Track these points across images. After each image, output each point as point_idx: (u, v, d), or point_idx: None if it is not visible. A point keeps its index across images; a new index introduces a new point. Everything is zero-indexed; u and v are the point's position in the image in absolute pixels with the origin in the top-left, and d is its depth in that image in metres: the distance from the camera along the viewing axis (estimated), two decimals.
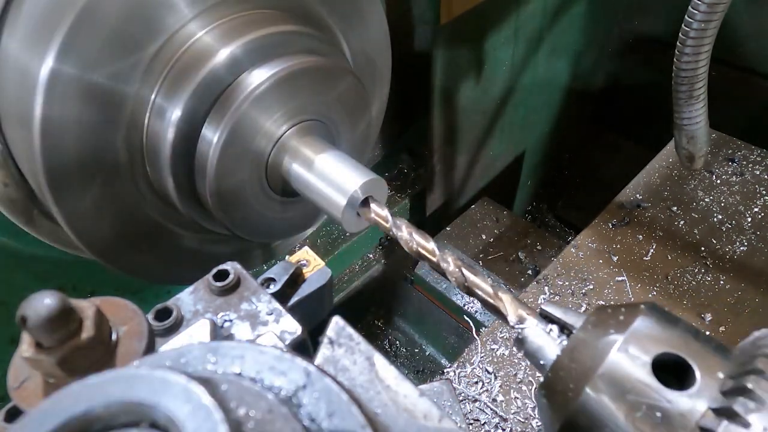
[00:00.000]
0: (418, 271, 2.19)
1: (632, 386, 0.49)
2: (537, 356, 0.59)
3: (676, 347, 0.50)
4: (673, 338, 0.51)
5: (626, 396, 0.49)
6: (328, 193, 0.83)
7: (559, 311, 0.60)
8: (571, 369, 0.53)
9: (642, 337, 0.51)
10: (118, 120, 0.80)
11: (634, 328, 0.51)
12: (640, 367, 0.49)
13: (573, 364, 0.53)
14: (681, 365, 0.49)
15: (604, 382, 0.50)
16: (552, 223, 3.14)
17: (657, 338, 0.51)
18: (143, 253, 0.96)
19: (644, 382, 0.49)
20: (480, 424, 1.47)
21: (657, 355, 0.50)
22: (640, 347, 0.50)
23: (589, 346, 0.53)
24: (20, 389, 0.49)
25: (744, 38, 2.32)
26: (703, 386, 0.47)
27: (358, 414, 0.38)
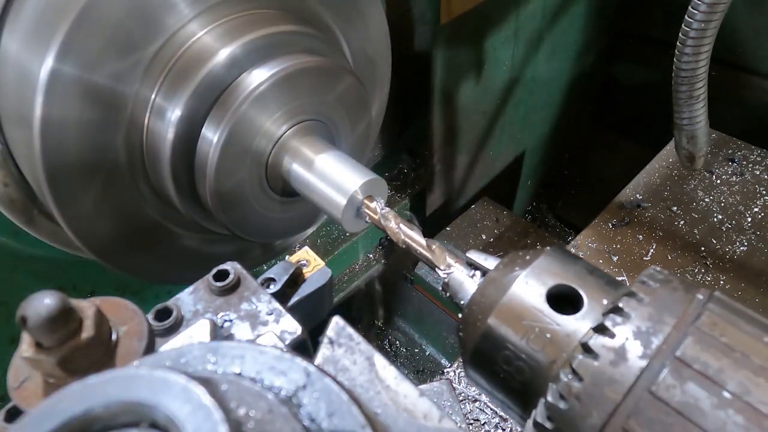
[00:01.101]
0: (418, 271, 2.19)
1: (528, 313, 0.55)
2: (458, 296, 0.65)
3: (570, 280, 0.56)
4: (569, 273, 0.57)
5: (522, 321, 0.55)
6: (328, 193, 0.83)
7: (481, 257, 0.66)
8: (482, 303, 0.59)
9: (541, 272, 0.57)
10: (118, 120, 0.80)
11: (535, 264, 0.58)
12: (536, 297, 0.56)
13: (483, 299, 0.59)
14: (575, 297, 0.55)
15: (505, 310, 0.57)
16: (552, 223, 3.14)
17: (555, 272, 0.57)
18: (143, 253, 0.96)
19: (538, 308, 0.55)
20: (480, 424, 1.47)
21: (552, 287, 0.56)
22: (539, 280, 0.57)
23: (496, 281, 0.59)
24: (20, 389, 0.49)
25: (744, 38, 2.32)
26: (588, 311, 0.54)
27: (358, 414, 0.38)
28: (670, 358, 0.48)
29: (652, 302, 0.52)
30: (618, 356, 0.49)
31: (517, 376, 0.56)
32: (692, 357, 0.48)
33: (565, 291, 0.56)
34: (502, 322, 0.56)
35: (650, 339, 0.49)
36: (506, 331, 0.56)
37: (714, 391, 0.46)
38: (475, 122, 2.24)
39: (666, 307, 0.52)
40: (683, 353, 0.48)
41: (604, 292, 0.55)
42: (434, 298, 2.18)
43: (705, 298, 0.53)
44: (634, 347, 0.49)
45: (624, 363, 0.49)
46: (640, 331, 0.50)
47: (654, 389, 0.47)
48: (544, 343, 0.54)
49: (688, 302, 0.52)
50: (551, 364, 0.53)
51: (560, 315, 0.54)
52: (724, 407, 0.45)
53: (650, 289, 0.53)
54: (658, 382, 0.47)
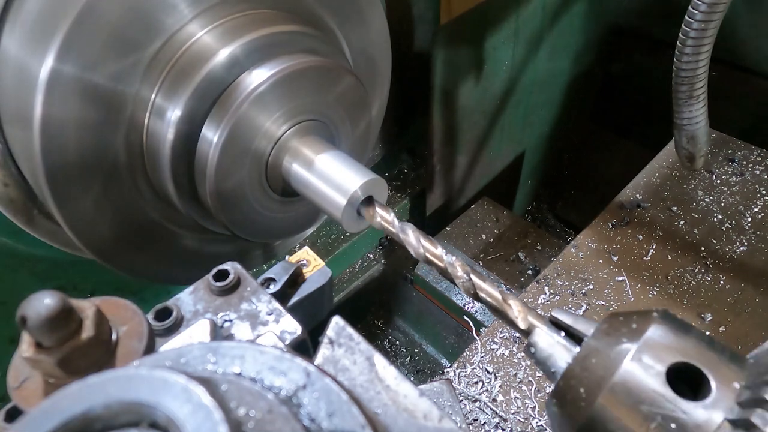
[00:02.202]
0: (418, 271, 2.19)
1: (646, 396, 0.48)
2: (547, 364, 0.57)
3: (691, 356, 0.49)
4: (687, 347, 0.50)
5: (640, 406, 0.48)
6: (328, 193, 0.83)
7: (569, 318, 0.59)
8: (583, 378, 0.52)
9: (655, 346, 0.50)
10: (118, 120, 0.80)
11: (647, 336, 0.51)
12: (654, 377, 0.49)
13: (585, 373, 0.52)
14: (695, 375, 0.49)
15: (618, 392, 0.49)
16: (552, 223, 3.14)
17: (671, 347, 0.50)
18: (143, 253, 0.96)
19: (659, 392, 0.48)
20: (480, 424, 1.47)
21: (671, 365, 0.49)
22: (654, 356, 0.49)
23: (601, 354, 0.52)
24: (20, 389, 0.49)
25: (744, 38, 2.32)
26: (719, 397, 0.47)
27: (358, 414, 0.38)
28: None
29: None
30: None
31: None
32: None
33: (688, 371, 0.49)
34: (615, 405, 0.49)
35: None
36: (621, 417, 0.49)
37: None
38: (475, 122, 2.24)
39: None
40: None
41: (732, 372, 0.48)
42: (434, 298, 2.18)
43: None
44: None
45: None
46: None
47: None
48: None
49: None
50: None
51: (686, 401, 0.47)
52: None
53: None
54: None
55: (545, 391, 1.50)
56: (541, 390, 1.50)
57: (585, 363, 0.53)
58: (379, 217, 0.81)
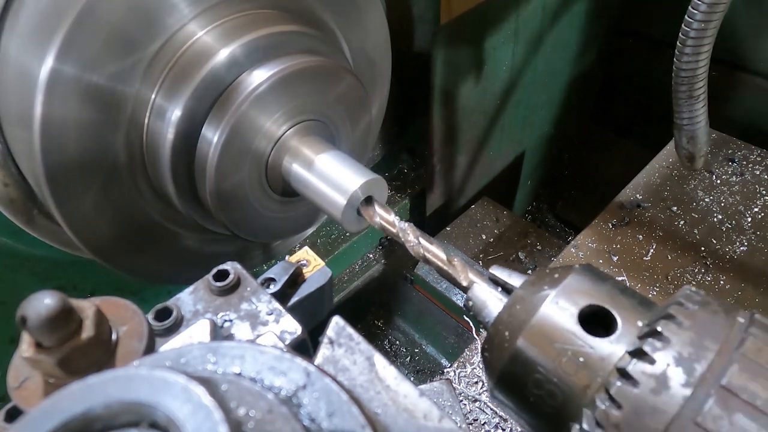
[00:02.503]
0: (418, 271, 2.19)
1: (560, 335, 0.53)
2: (483, 315, 0.63)
3: (602, 300, 0.54)
4: (600, 292, 0.55)
5: (554, 344, 0.53)
6: (328, 193, 0.83)
7: (505, 274, 0.64)
8: (509, 323, 0.57)
9: (571, 292, 0.55)
10: (118, 120, 0.80)
11: (565, 283, 0.56)
12: (568, 318, 0.54)
13: (510, 318, 0.57)
14: (607, 317, 0.54)
15: (535, 332, 0.55)
16: (552, 223, 3.14)
17: (585, 292, 0.55)
18: (143, 253, 0.96)
19: (571, 330, 0.53)
20: (480, 424, 1.47)
21: (584, 307, 0.54)
22: (569, 300, 0.55)
23: (525, 301, 0.57)
24: (20, 389, 0.49)
25: (744, 38, 2.32)
26: (623, 333, 0.52)
27: (358, 414, 0.38)
28: (715, 387, 0.46)
29: (693, 326, 0.49)
30: (659, 384, 0.47)
31: (549, 401, 0.53)
32: (739, 386, 0.45)
33: (598, 312, 0.54)
34: (533, 344, 0.54)
35: (693, 366, 0.47)
36: (537, 353, 0.54)
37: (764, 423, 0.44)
38: (475, 122, 2.24)
39: (707, 331, 0.49)
40: (729, 382, 0.46)
41: (638, 313, 0.53)
42: (434, 298, 2.18)
43: (746, 321, 0.50)
44: (677, 374, 0.47)
45: (666, 391, 0.47)
46: (681, 357, 0.48)
47: (700, 420, 0.45)
48: (577, 367, 0.52)
49: (730, 326, 0.49)
50: (585, 389, 0.51)
51: (593, 337, 0.52)
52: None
53: (689, 312, 0.51)
54: (704, 412, 0.45)
55: None
56: None
57: (511, 310, 0.58)
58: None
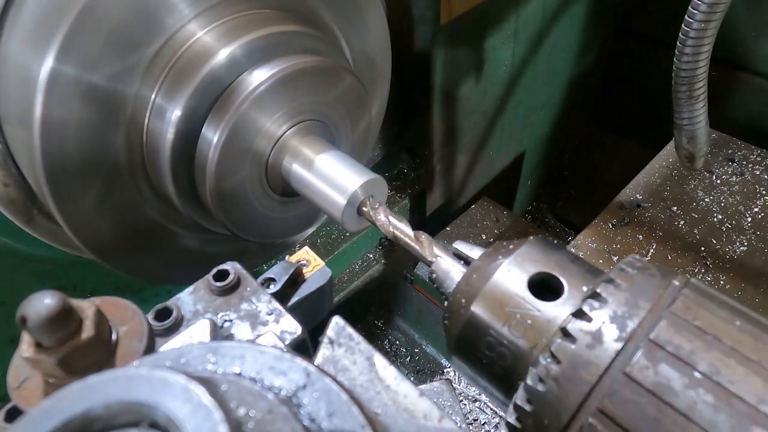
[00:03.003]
0: (418, 271, 2.19)
1: (510, 299, 0.58)
2: (444, 286, 0.67)
3: (552, 268, 0.58)
4: (551, 261, 0.59)
5: (505, 308, 0.57)
6: (328, 193, 0.83)
7: (467, 248, 0.67)
8: (466, 291, 0.61)
9: (524, 260, 0.59)
10: (118, 120, 0.80)
11: (518, 252, 0.60)
12: (518, 284, 0.58)
13: (467, 287, 0.61)
14: (556, 283, 0.58)
15: (488, 297, 0.59)
16: (552, 223, 3.14)
17: (536, 260, 0.59)
18: (143, 253, 0.96)
19: (520, 295, 0.57)
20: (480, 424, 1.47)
21: (534, 274, 0.58)
22: (521, 268, 0.59)
23: (480, 270, 0.61)
24: (20, 389, 0.49)
25: (744, 38, 2.31)
26: (569, 297, 0.56)
27: (358, 414, 0.38)
28: (644, 341, 0.50)
29: (629, 288, 0.53)
30: (594, 339, 0.51)
31: (499, 362, 0.57)
32: (665, 339, 0.49)
33: (547, 279, 0.58)
34: (485, 309, 0.58)
35: (625, 322, 0.51)
36: (489, 317, 0.58)
37: (685, 372, 0.48)
38: (475, 122, 2.24)
39: (642, 292, 0.53)
40: (657, 336, 0.50)
41: (584, 279, 0.57)
42: (434, 298, 2.18)
43: (681, 284, 0.54)
44: (610, 331, 0.51)
45: (600, 346, 0.51)
46: (616, 315, 0.52)
47: (628, 371, 0.48)
48: (525, 329, 0.56)
49: (664, 288, 0.54)
50: (532, 349, 0.55)
51: (541, 301, 0.56)
52: (695, 387, 0.47)
53: (628, 275, 0.55)
54: (632, 363, 0.49)
55: None
56: None
57: (469, 279, 0.62)
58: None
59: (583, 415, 0.49)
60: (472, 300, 0.59)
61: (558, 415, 0.50)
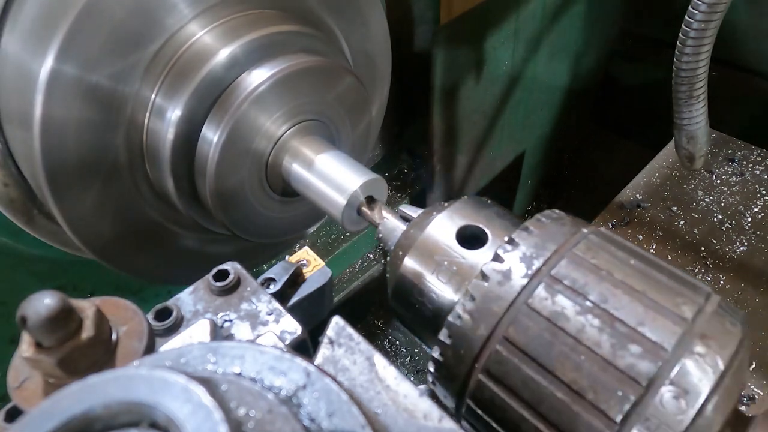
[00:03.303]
0: None
1: (439, 249, 0.64)
2: (388, 244, 0.73)
3: (479, 221, 0.65)
4: (479, 215, 0.65)
5: (434, 257, 0.63)
6: (328, 193, 0.83)
7: (412, 210, 0.73)
8: (404, 245, 0.67)
9: (454, 214, 0.66)
10: (119, 120, 0.80)
11: (450, 208, 0.66)
12: (448, 235, 0.64)
13: (405, 241, 0.67)
14: (483, 234, 0.64)
15: (420, 248, 0.65)
16: None
17: (466, 215, 0.65)
18: (143, 253, 0.96)
19: (448, 245, 0.63)
20: None
21: (461, 227, 0.64)
22: (451, 221, 0.65)
23: (417, 225, 0.67)
24: (20, 389, 0.49)
25: (744, 38, 2.32)
26: (491, 245, 0.62)
27: (358, 414, 0.38)
28: (546, 276, 0.56)
29: (540, 234, 0.60)
30: (504, 277, 0.57)
31: (429, 305, 0.63)
32: (564, 275, 0.56)
33: (475, 231, 0.64)
34: (418, 258, 0.64)
35: (532, 262, 0.57)
36: (420, 266, 0.64)
37: (578, 301, 0.54)
38: (475, 122, 2.24)
39: (551, 237, 0.59)
40: (557, 272, 0.56)
41: (507, 230, 0.63)
42: None
43: (588, 231, 0.60)
44: (519, 269, 0.57)
45: (508, 282, 0.57)
46: (525, 256, 0.58)
47: (530, 302, 0.55)
48: (451, 275, 0.62)
49: (572, 234, 0.60)
50: (456, 292, 0.61)
51: (467, 250, 0.62)
52: (585, 313, 0.53)
53: (542, 224, 0.61)
54: (534, 296, 0.55)
55: None
56: None
57: (407, 234, 0.68)
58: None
59: (492, 343, 0.55)
60: (407, 251, 0.65)
61: (471, 344, 0.57)
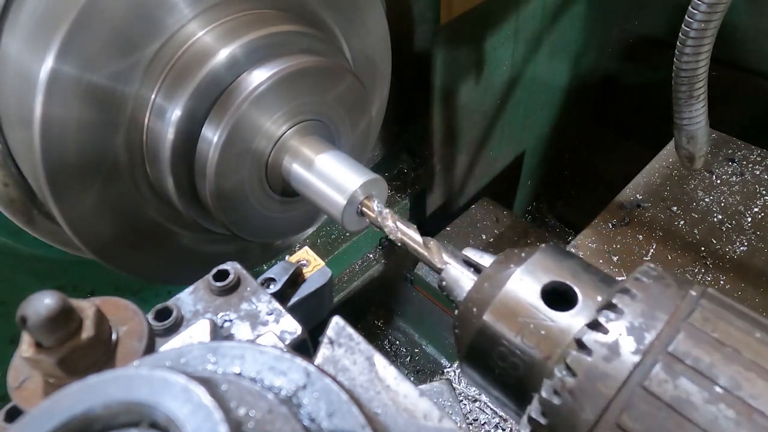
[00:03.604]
0: (418, 271, 2.19)
1: (523, 309, 0.56)
2: (454, 294, 0.65)
3: (565, 276, 0.57)
4: (563, 269, 0.58)
5: (517, 318, 0.56)
6: (328, 193, 0.83)
7: (477, 255, 0.66)
8: (477, 300, 0.60)
9: (536, 269, 0.58)
10: (118, 120, 0.80)
11: (530, 261, 0.59)
12: (531, 293, 0.57)
13: (478, 295, 0.60)
14: (569, 292, 0.56)
15: (501, 306, 0.57)
16: (552, 223, 3.14)
17: (549, 269, 0.58)
18: (143, 253, 0.96)
19: (533, 305, 0.56)
20: (480, 424, 1.47)
21: (546, 283, 0.57)
22: (533, 276, 0.58)
23: (492, 278, 0.60)
24: (20, 389, 0.49)
25: (744, 38, 2.32)
26: (582, 307, 0.55)
27: (358, 414, 0.38)
28: (662, 354, 0.48)
29: (645, 298, 0.52)
30: (611, 352, 0.50)
31: (512, 372, 0.56)
32: (684, 352, 0.48)
33: (560, 287, 0.57)
34: (497, 318, 0.57)
35: (643, 335, 0.50)
36: (501, 327, 0.57)
37: (705, 386, 0.47)
38: (475, 122, 2.24)
39: (659, 303, 0.52)
40: (675, 348, 0.49)
41: (598, 288, 0.56)
42: (434, 298, 2.18)
43: (698, 294, 0.53)
44: (627, 343, 0.50)
45: (617, 358, 0.49)
46: (633, 327, 0.51)
47: (647, 384, 0.47)
48: (538, 339, 0.54)
49: (681, 298, 0.53)
50: (546, 360, 0.54)
51: (555, 311, 0.55)
52: (716, 402, 0.46)
53: (643, 285, 0.54)
54: (651, 377, 0.48)
55: None
56: None
57: (480, 287, 0.60)
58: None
59: (601, 429, 0.48)
60: (484, 309, 0.58)
61: (574, 429, 0.49)
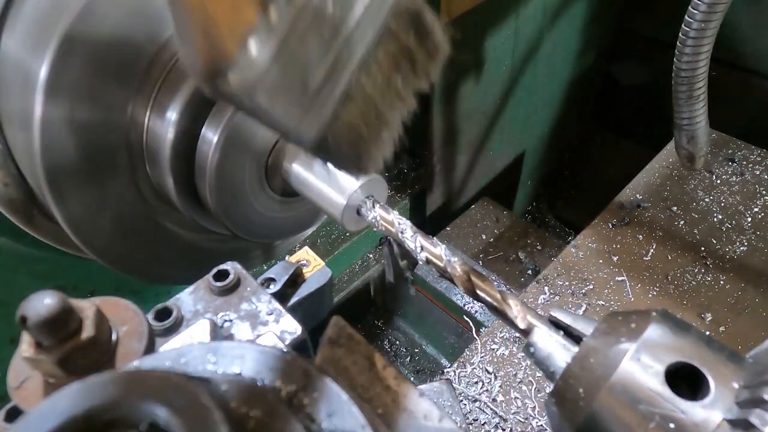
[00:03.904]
0: (418, 271, 2.19)
1: (645, 396, 0.48)
2: (547, 364, 0.57)
3: (690, 356, 0.49)
4: (685, 346, 0.50)
5: (639, 406, 0.48)
6: (328, 193, 0.83)
7: (568, 318, 0.58)
8: (582, 377, 0.52)
9: (654, 346, 0.50)
10: (119, 120, 0.80)
11: (646, 336, 0.50)
12: (652, 377, 0.48)
13: (584, 372, 0.52)
14: (694, 374, 0.48)
15: (617, 391, 0.49)
16: (552, 223, 3.14)
17: (669, 346, 0.50)
18: (143, 253, 0.96)
19: (657, 391, 0.48)
20: (480, 424, 1.47)
21: (670, 365, 0.49)
22: (653, 356, 0.49)
23: (599, 354, 0.52)
24: (20, 389, 0.49)
25: (744, 38, 2.32)
26: (717, 396, 0.46)
27: (358, 414, 0.38)
28: None
29: None
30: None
31: None
32: None
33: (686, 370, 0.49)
34: (614, 405, 0.49)
35: None
36: (619, 415, 0.49)
37: None
38: (475, 122, 2.24)
39: None
40: None
41: (731, 372, 0.48)
42: (434, 298, 2.18)
43: None
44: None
45: None
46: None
47: None
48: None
49: None
50: None
51: (684, 401, 0.47)
52: None
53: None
54: None
55: (545, 391, 1.50)
56: (541, 390, 1.50)
57: (584, 362, 0.52)
58: (380, 217, 0.81)
59: None
60: (595, 392, 0.50)
61: None
